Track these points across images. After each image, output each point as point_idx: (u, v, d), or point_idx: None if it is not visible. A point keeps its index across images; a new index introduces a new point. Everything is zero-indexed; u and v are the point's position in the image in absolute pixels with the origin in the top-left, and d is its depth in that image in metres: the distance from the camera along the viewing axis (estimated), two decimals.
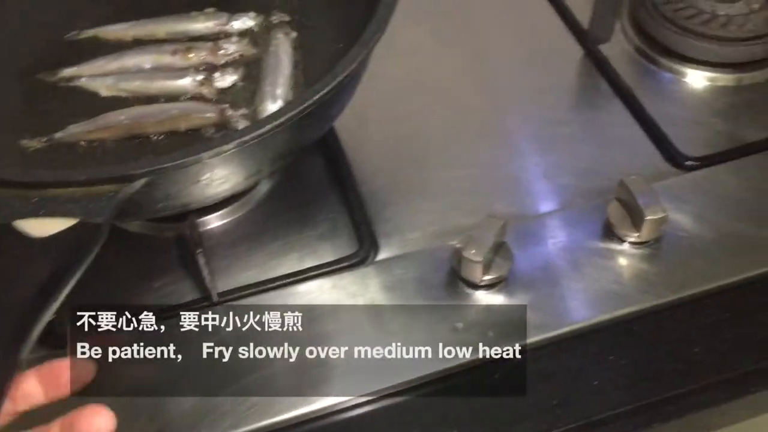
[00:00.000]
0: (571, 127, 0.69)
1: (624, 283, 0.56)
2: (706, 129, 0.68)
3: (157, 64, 0.65)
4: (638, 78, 0.73)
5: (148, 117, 0.60)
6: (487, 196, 0.64)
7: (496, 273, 0.55)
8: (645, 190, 0.56)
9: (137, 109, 0.62)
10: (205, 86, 0.62)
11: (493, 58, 0.76)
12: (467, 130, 0.70)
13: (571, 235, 0.59)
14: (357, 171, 0.65)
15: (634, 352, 0.54)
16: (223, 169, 0.48)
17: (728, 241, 0.58)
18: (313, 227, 0.62)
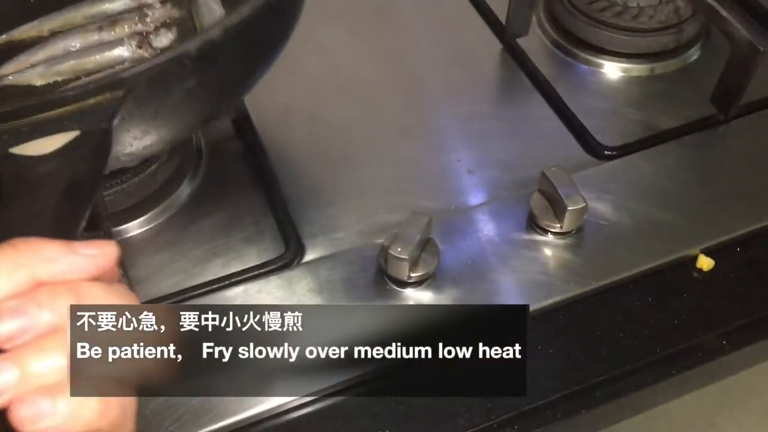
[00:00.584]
0: (493, 122, 0.70)
1: (549, 273, 0.57)
2: (622, 119, 0.70)
3: (86, 43, 0.62)
4: (556, 71, 0.74)
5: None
6: (412, 192, 0.64)
7: (423, 270, 0.55)
8: (566, 181, 0.57)
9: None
10: (144, 48, 0.60)
11: (413, 55, 0.76)
12: (389, 127, 0.69)
13: (496, 228, 0.59)
14: (280, 172, 0.64)
15: (562, 341, 0.54)
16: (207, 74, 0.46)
17: (647, 227, 0.60)
18: (237, 231, 0.61)
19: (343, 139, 0.68)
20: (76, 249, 0.32)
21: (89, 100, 0.42)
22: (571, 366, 0.53)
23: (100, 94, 0.42)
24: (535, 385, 0.52)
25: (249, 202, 0.63)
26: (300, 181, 0.64)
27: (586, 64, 0.75)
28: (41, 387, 0.30)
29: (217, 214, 0.62)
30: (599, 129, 0.68)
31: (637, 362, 0.53)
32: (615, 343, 0.54)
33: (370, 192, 0.64)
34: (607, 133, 0.68)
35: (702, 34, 0.76)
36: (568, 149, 0.67)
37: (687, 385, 0.56)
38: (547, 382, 0.52)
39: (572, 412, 0.51)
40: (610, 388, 0.52)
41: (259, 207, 0.62)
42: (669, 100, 0.72)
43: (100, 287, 0.33)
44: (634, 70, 0.74)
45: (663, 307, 0.56)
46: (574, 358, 0.54)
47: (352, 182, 0.65)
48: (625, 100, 0.72)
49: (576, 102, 0.70)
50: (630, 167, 0.64)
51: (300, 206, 0.62)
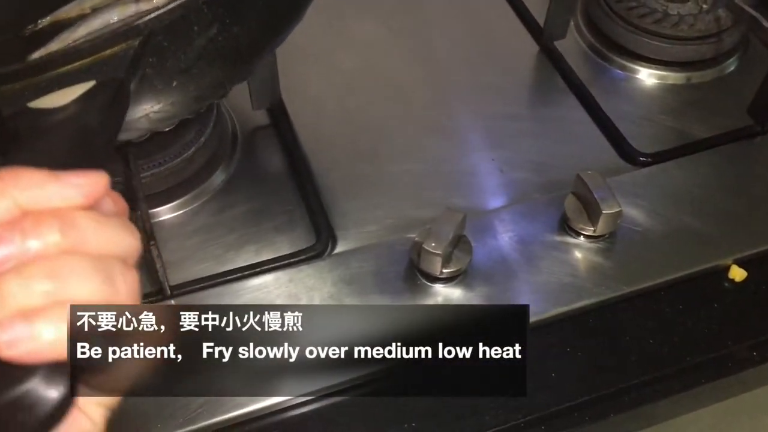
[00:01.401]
0: (527, 122, 0.70)
1: (580, 276, 0.57)
2: (657, 126, 0.70)
3: (124, 15, 0.62)
4: (592, 74, 0.74)
5: None
6: (444, 189, 0.64)
7: (455, 266, 0.55)
8: (601, 185, 0.57)
9: None
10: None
11: (448, 53, 0.76)
12: (422, 124, 0.69)
13: (528, 228, 0.59)
14: (313, 163, 0.64)
15: (590, 344, 0.54)
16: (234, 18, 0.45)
17: (680, 235, 0.60)
18: (270, 220, 0.61)
19: (376, 134, 0.68)
20: (62, 177, 0.31)
21: (105, 50, 0.41)
22: (599, 370, 0.53)
23: (116, 44, 0.41)
24: (562, 387, 0.52)
25: (282, 191, 0.63)
26: (333, 172, 0.65)
27: (622, 70, 0.75)
28: (21, 311, 0.29)
29: (250, 201, 0.62)
30: (634, 135, 0.68)
31: (666, 369, 0.53)
32: (644, 349, 0.54)
33: (401, 187, 0.64)
34: (642, 140, 0.67)
35: (741, 45, 0.75)
36: (601, 153, 0.67)
37: (715, 395, 0.55)
38: (574, 384, 0.52)
39: (600, 416, 0.51)
40: (639, 394, 0.52)
41: (292, 197, 0.63)
42: (705, 110, 0.71)
43: (89, 217, 0.32)
44: (670, 78, 0.74)
45: (694, 316, 0.56)
46: (603, 362, 0.53)
47: (384, 176, 0.65)
48: (660, 107, 0.72)
49: (611, 107, 0.70)
50: (664, 174, 0.64)
51: (332, 197, 0.63)
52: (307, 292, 0.55)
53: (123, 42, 0.41)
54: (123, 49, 0.41)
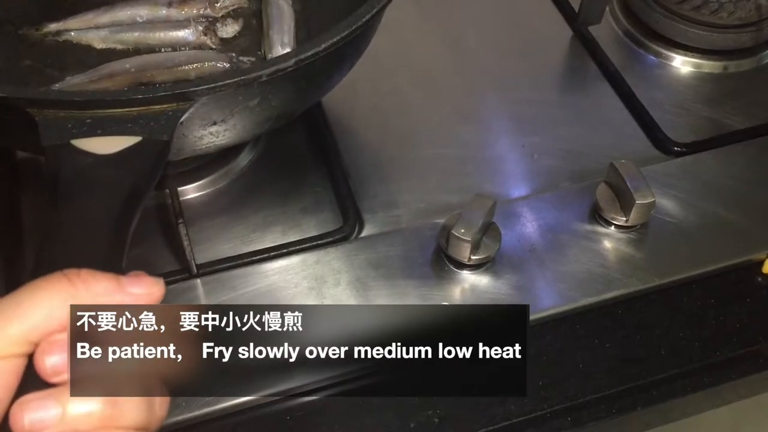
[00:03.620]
0: (559, 109, 0.69)
1: (610, 266, 0.56)
2: (692, 115, 0.68)
3: (153, 16, 0.62)
4: (626, 61, 0.73)
5: (157, 65, 0.57)
6: (473, 175, 0.63)
7: (484, 253, 0.54)
8: (635, 174, 0.56)
9: (143, 58, 0.58)
10: (208, 36, 0.60)
11: (480, 37, 0.75)
12: (453, 108, 0.68)
13: (559, 217, 0.58)
14: (342, 145, 0.64)
15: (619, 335, 0.53)
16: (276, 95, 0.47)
17: (713, 228, 0.58)
18: (297, 201, 0.61)
19: (407, 118, 0.68)
20: (126, 287, 0.33)
21: (155, 106, 0.42)
22: (627, 362, 0.52)
23: (166, 103, 0.43)
24: (589, 379, 0.51)
25: (309, 173, 0.63)
26: (361, 155, 0.64)
27: (657, 57, 0.73)
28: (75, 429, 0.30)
29: (277, 182, 0.62)
30: (668, 124, 0.66)
31: (696, 363, 0.52)
32: (674, 342, 0.53)
33: (431, 171, 0.63)
34: (677, 129, 0.66)
35: None
36: (635, 142, 0.66)
37: (745, 391, 0.55)
38: (602, 375, 0.52)
39: (627, 408, 0.50)
40: (668, 387, 0.51)
41: (319, 179, 0.62)
42: (741, 100, 0.70)
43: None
44: (706, 66, 0.73)
45: (725, 310, 0.55)
46: (632, 354, 0.53)
47: (414, 161, 0.64)
48: (695, 96, 0.70)
49: (645, 94, 0.69)
50: (699, 165, 0.62)
51: (360, 180, 0.62)
52: (334, 274, 0.55)
53: (174, 103, 0.43)
54: (171, 109, 0.43)
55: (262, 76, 0.45)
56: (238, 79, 0.44)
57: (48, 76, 0.59)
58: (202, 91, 0.43)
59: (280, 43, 0.60)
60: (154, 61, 0.57)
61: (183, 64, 0.57)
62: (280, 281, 0.54)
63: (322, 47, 0.46)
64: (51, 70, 0.59)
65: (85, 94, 0.42)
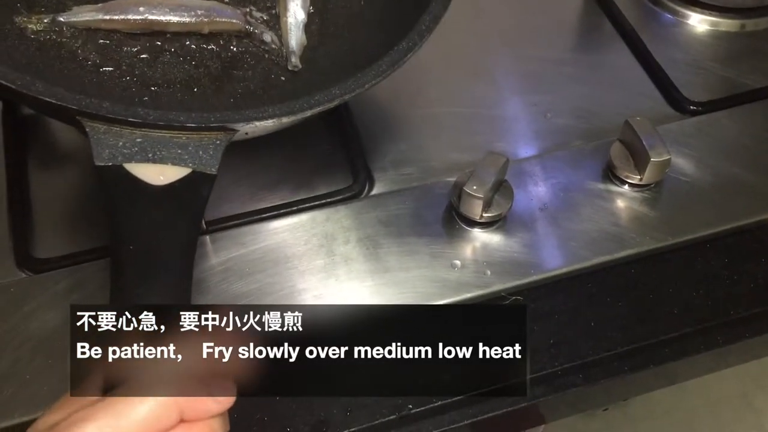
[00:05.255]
0: (573, 67, 0.67)
1: (623, 225, 0.55)
2: (709, 74, 0.67)
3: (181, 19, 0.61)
4: (641, 19, 0.71)
5: (172, 15, 0.55)
6: (485, 133, 0.62)
7: (495, 211, 0.54)
8: (650, 132, 0.55)
9: (157, 1, 0.56)
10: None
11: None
12: (464, 66, 0.67)
13: (571, 176, 0.58)
14: (352, 103, 0.63)
15: (632, 294, 0.53)
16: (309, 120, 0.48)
17: (728, 187, 0.58)
18: (307, 159, 0.60)
19: (418, 75, 0.66)
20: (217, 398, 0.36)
21: (204, 133, 0.43)
22: (640, 321, 0.52)
23: (214, 132, 0.44)
24: (600, 337, 0.51)
25: (319, 131, 0.62)
26: (372, 113, 0.63)
27: (673, 15, 0.72)
28: None
29: (287, 140, 0.61)
30: (684, 82, 0.65)
31: (710, 323, 0.52)
32: (688, 301, 0.53)
33: (442, 130, 0.62)
34: (692, 88, 0.65)
35: None
36: (650, 101, 0.65)
37: (758, 350, 0.54)
38: (614, 334, 0.51)
39: (639, 366, 0.50)
40: (680, 346, 0.51)
41: (330, 137, 0.61)
42: (759, 59, 0.68)
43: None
44: (723, 25, 0.71)
45: (739, 269, 0.55)
46: (644, 313, 0.52)
47: (425, 119, 0.63)
48: (712, 54, 0.69)
49: (660, 53, 0.68)
50: (715, 124, 0.61)
51: (370, 139, 0.61)
52: (344, 232, 0.54)
53: (222, 133, 0.44)
54: (218, 137, 0.44)
55: (306, 112, 0.45)
56: (282, 115, 0.45)
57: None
58: (249, 129, 0.45)
59: (294, 7, 0.58)
60: (168, 8, 0.55)
61: (197, 16, 0.55)
62: (289, 238, 0.54)
63: (365, 87, 0.47)
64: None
65: (137, 113, 0.42)
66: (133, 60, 0.55)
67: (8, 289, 0.51)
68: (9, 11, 0.54)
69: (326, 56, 0.57)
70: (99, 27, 0.55)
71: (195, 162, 0.43)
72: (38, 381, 0.48)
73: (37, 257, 0.54)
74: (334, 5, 0.60)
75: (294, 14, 0.58)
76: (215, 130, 0.44)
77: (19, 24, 0.54)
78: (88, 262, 0.53)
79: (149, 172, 0.42)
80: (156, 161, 0.42)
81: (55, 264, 0.53)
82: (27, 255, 0.54)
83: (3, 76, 0.42)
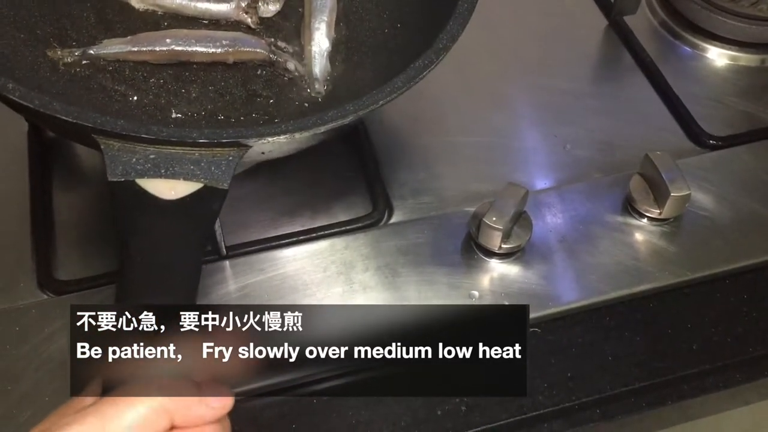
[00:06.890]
0: (593, 99, 0.68)
1: (642, 259, 0.55)
2: (728, 108, 0.67)
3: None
4: (661, 52, 0.71)
5: (198, 46, 0.56)
6: (505, 164, 0.63)
7: (514, 242, 0.54)
8: (670, 166, 0.55)
9: (184, 33, 0.57)
10: (249, 15, 0.59)
11: (513, 23, 0.74)
12: (484, 96, 0.68)
13: (590, 208, 0.58)
14: (372, 131, 0.63)
15: (650, 329, 0.53)
16: (328, 132, 0.49)
17: (747, 223, 0.58)
18: (326, 186, 0.61)
19: (437, 105, 0.67)
20: (210, 403, 0.36)
21: (217, 149, 0.44)
22: (658, 356, 0.52)
23: (226, 147, 0.44)
24: (618, 371, 0.51)
25: (339, 158, 0.63)
26: (392, 141, 0.64)
27: (692, 48, 0.72)
28: None
29: (307, 167, 0.62)
30: (703, 116, 0.65)
31: (728, 360, 0.52)
32: (706, 338, 0.52)
33: (461, 159, 0.63)
34: (712, 122, 0.65)
35: None
36: (669, 134, 0.65)
37: None
38: (632, 369, 0.51)
39: (657, 402, 0.50)
40: (699, 383, 0.51)
41: (349, 164, 0.62)
42: None
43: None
44: (743, 59, 0.71)
45: (759, 306, 0.54)
46: (662, 348, 0.52)
47: (444, 148, 0.64)
48: (731, 89, 0.69)
49: (680, 86, 0.68)
50: (735, 159, 0.61)
51: (390, 167, 0.62)
52: (363, 260, 0.55)
53: (235, 149, 0.44)
54: (231, 154, 0.44)
55: (320, 128, 0.45)
56: (295, 131, 0.45)
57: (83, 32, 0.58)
58: (261, 142, 0.44)
59: (319, 36, 0.59)
60: (194, 39, 0.57)
61: (222, 47, 0.57)
62: (308, 265, 0.54)
63: (380, 103, 0.47)
64: (87, 24, 0.58)
65: (150, 130, 0.43)
66: (160, 90, 0.56)
67: (29, 311, 0.52)
68: (42, 46, 0.56)
69: (349, 83, 0.58)
70: (127, 59, 0.56)
71: (207, 177, 0.43)
72: (57, 404, 0.47)
73: (59, 279, 0.54)
74: (359, 34, 0.61)
75: (318, 43, 0.58)
76: (228, 146, 0.44)
77: (51, 57, 0.55)
78: (110, 285, 0.53)
79: (160, 186, 0.42)
80: (168, 177, 0.43)
81: (76, 286, 0.54)
82: (49, 276, 0.54)
83: (22, 97, 0.43)
